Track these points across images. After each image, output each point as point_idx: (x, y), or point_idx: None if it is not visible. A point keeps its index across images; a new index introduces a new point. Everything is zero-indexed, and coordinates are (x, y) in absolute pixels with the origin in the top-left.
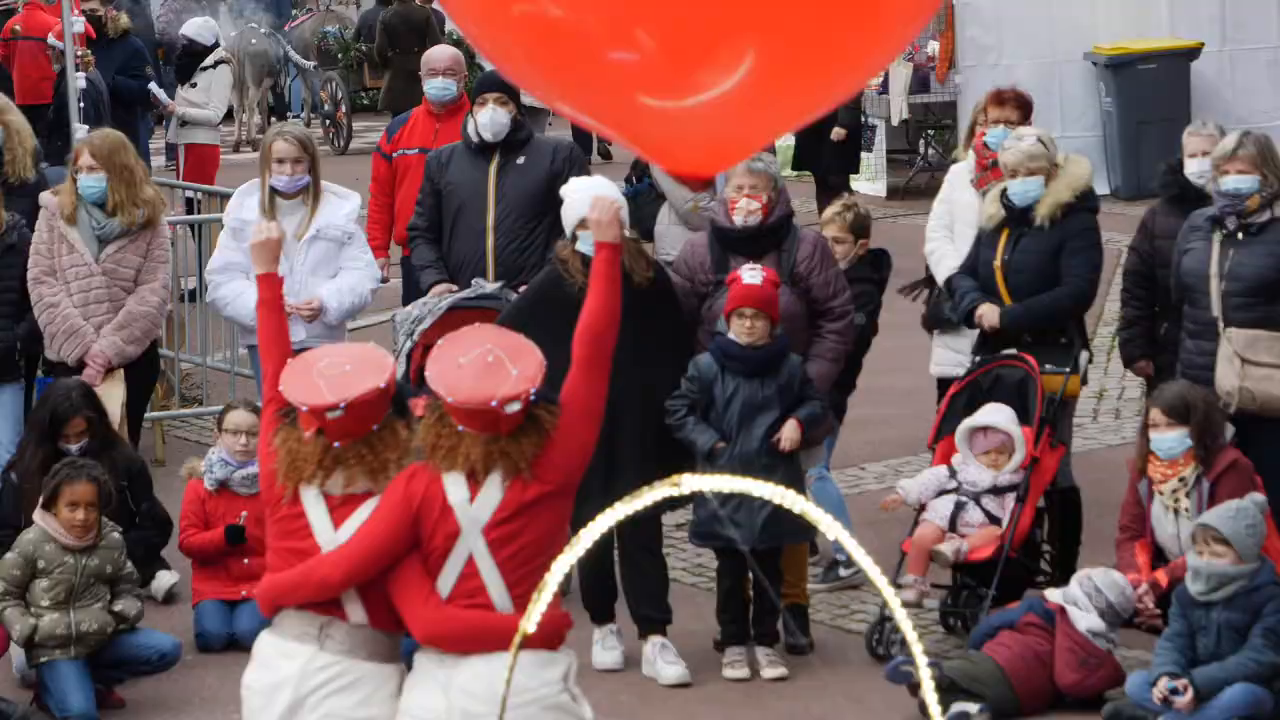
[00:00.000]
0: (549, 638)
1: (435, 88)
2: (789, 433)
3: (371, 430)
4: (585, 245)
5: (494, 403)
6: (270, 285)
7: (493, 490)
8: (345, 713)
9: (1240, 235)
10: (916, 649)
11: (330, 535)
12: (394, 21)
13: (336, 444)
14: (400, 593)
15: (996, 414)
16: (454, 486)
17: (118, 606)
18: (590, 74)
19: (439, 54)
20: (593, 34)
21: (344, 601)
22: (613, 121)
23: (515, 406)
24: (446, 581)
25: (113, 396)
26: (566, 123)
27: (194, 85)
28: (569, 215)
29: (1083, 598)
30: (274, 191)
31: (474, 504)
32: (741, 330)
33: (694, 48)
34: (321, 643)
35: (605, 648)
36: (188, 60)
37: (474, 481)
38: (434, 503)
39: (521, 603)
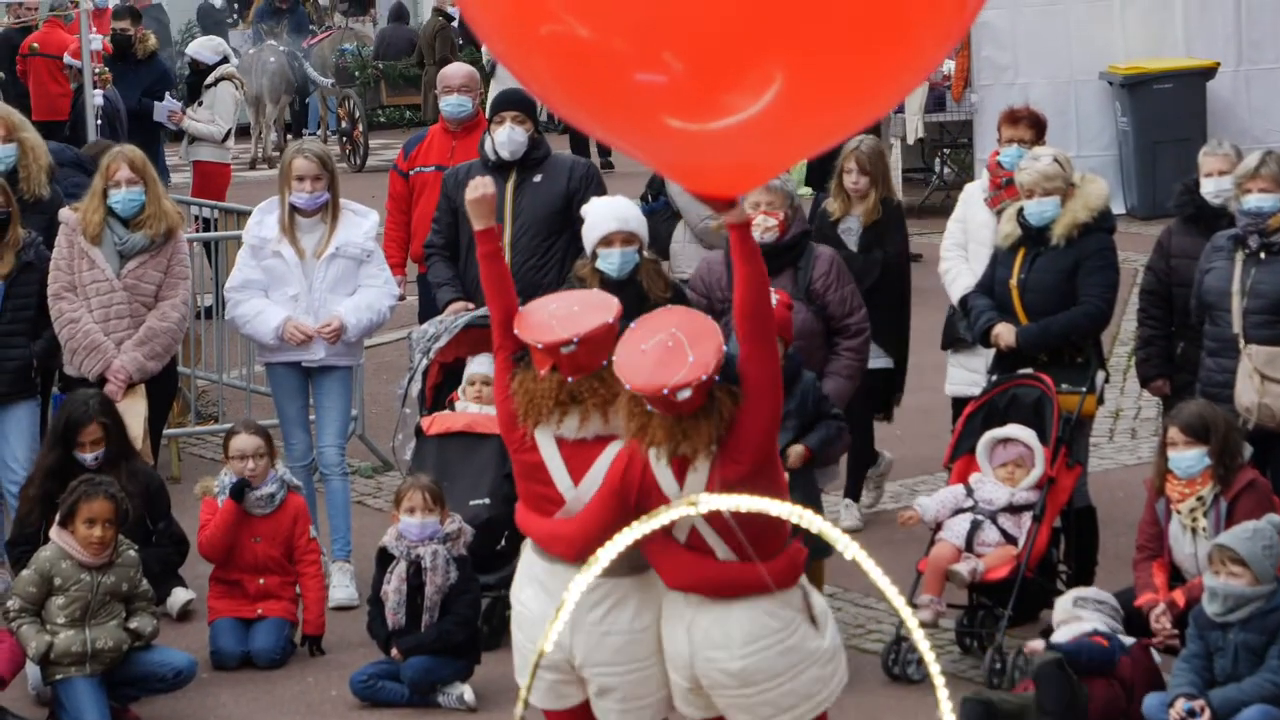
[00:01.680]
0: (785, 577)
1: (450, 105)
2: (793, 459)
3: (602, 365)
4: (604, 264)
5: (665, 391)
6: (489, 238)
7: (698, 477)
8: (624, 626)
9: (1262, 254)
10: (934, 669)
11: (569, 486)
12: (430, 35)
13: (570, 379)
14: (644, 546)
15: (1019, 428)
16: (664, 479)
17: (133, 624)
18: (617, 95)
19: (453, 71)
20: (620, 55)
21: None
22: (638, 142)
23: (686, 394)
24: (679, 537)
25: (135, 412)
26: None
27: (200, 104)
28: (589, 234)
29: (1084, 611)
30: (294, 209)
31: (683, 491)
32: None
33: (722, 71)
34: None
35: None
36: (195, 79)
37: (679, 468)
38: (650, 491)
39: (748, 556)
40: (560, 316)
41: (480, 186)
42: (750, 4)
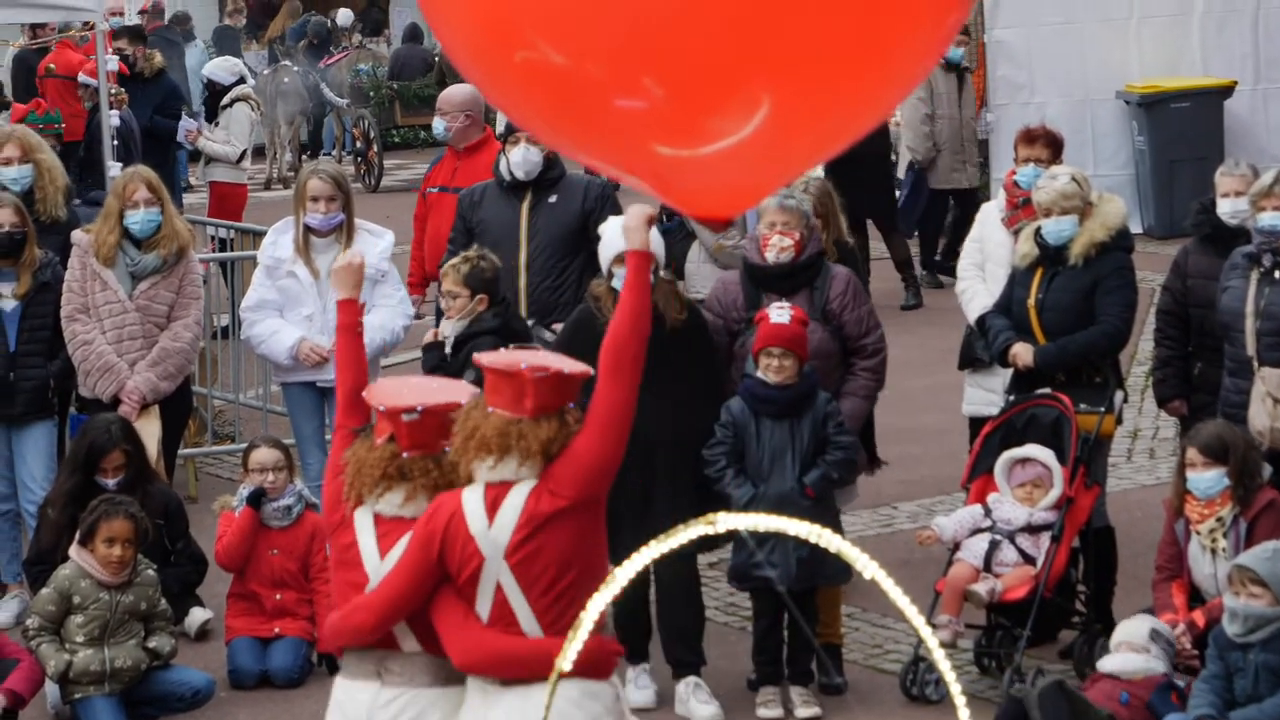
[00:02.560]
0: (593, 667)
1: (436, 126)
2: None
3: (443, 450)
4: (620, 283)
5: (522, 365)
6: (350, 311)
7: (510, 508)
8: None
9: (1276, 273)
10: (955, 689)
11: (376, 564)
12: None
13: (405, 454)
14: (439, 619)
15: (1038, 448)
16: (473, 513)
17: (152, 643)
18: (598, 122)
19: (445, 94)
20: (597, 82)
21: (396, 633)
22: (626, 167)
23: (542, 375)
24: (482, 610)
25: (149, 433)
26: None
27: (216, 124)
28: (605, 252)
29: (1154, 649)
30: (309, 229)
31: (493, 527)
32: (770, 369)
33: (704, 95)
34: (382, 678)
35: (638, 686)
36: (211, 100)
37: (491, 503)
38: (457, 536)
39: (553, 629)
40: (413, 387)
41: (348, 256)
42: (727, 27)
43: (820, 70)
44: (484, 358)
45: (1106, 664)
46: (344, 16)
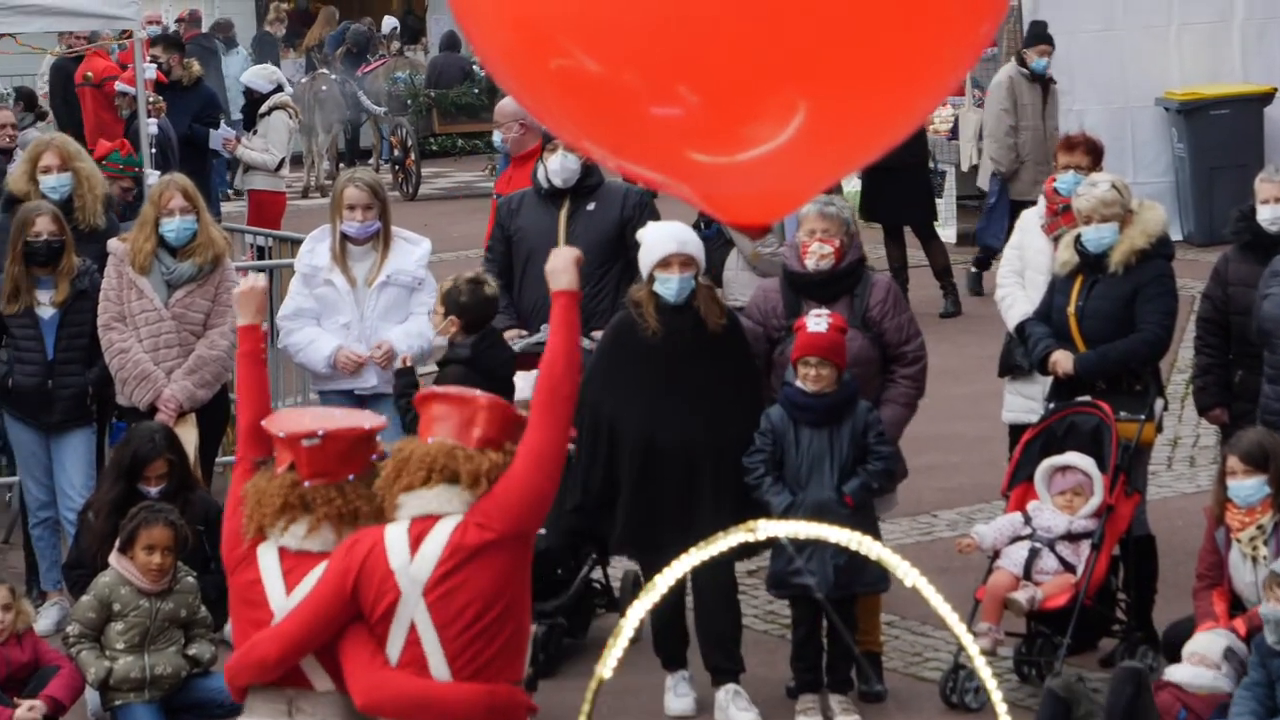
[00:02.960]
0: (498, 712)
1: (495, 136)
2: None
3: (346, 479)
4: (662, 288)
5: (478, 393)
6: (251, 337)
7: (434, 542)
8: None
9: None
10: (996, 696)
11: (282, 600)
12: None
13: (307, 483)
14: (346, 656)
15: (1078, 456)
16: (395, 547)
17: (192, 650)
18: (634, 129)
19: (498, 105)
20: (632, 90)
21: (307, 670)
22: (662, 175)
23: (495, 406)
24: (393, 651)
25: (186, 440)
26: None
27: (255, 132)
28: (646, 257)
29: (1226, 668)
30: (345, 237)
31: (414, 561)
32: (807, 378)
33: (739, 103)
34: (293, 717)
35: (677, 694)
36: (249, 108)
37: (415, 538)
38: (375, 570)
39: (464, 674)
40: (315, 415)
41: (249, 281)
42: (761, 35)
43: (855, 77)
44: (435, 389)
45: (1175, 673)
46: (387, 24)
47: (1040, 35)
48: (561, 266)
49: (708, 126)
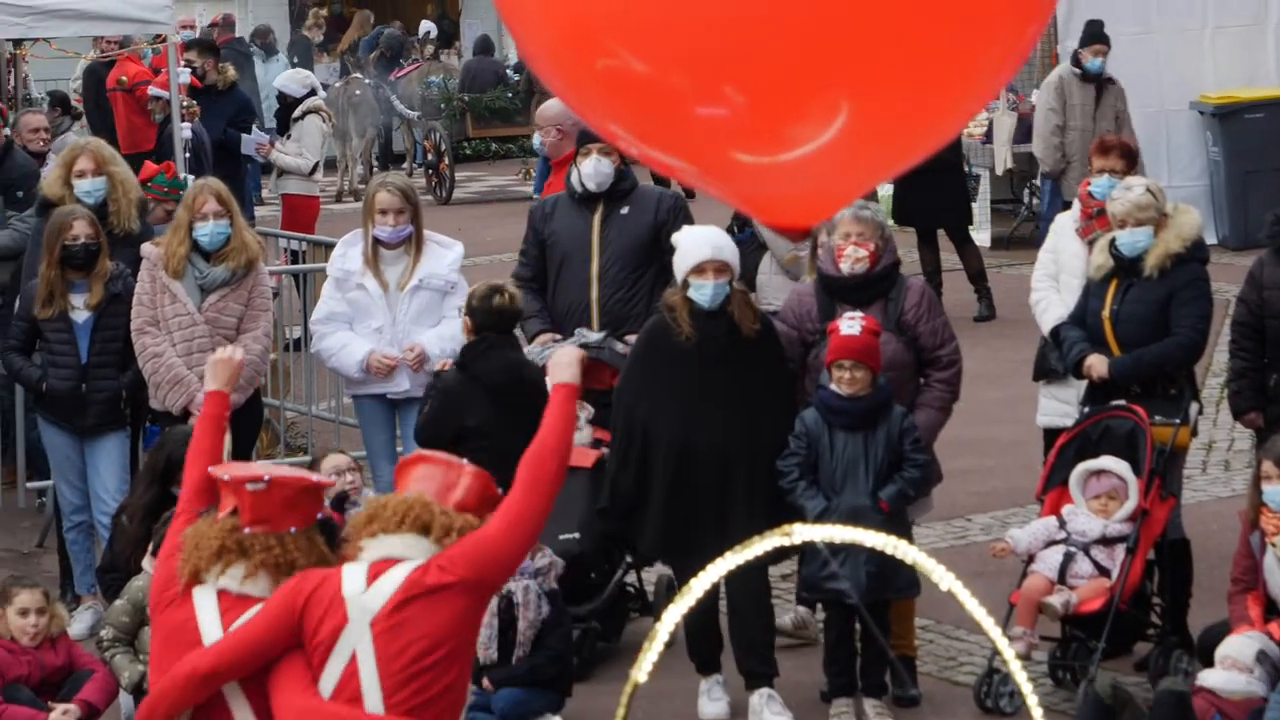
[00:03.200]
0: None
1: (535, 140)
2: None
3: (287, 531)
4: (696, 294)
5: (465, 460)
6: (218, 403)
7: (390, 579)
8: None
9: None
10: (1031, 700)
11: (217, 636)
12: None
13: (247, 529)
14: (277, 683)
15: (1113, 460)
16: (351, 577)
17: None
18: (680, 129)
19: (539, 109)
20: (679, 90)
21: (231, 704)
22: (705, 176)
23: (477, 475)
24: (328, 682)
25: None
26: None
27: (288, 137)
28: (681, 262)
29: (1259, 670)
30: (377, 242)
31: (368, 591)
32: (841, 381)
33: (785, 103)
34: None
35: (711, 698)
36: (283, 112)
37: (373, 574)
38: (325, 594)
39: (398, 710)
40: (264, 467)
41: (229, 351)
42: (808, 36)
43: (900, 79)
44: (425, 452)
45: (1209, 679)
46: (423, 28)
47: (1096, 35)
48: (565, 361)
49: (752, 126)
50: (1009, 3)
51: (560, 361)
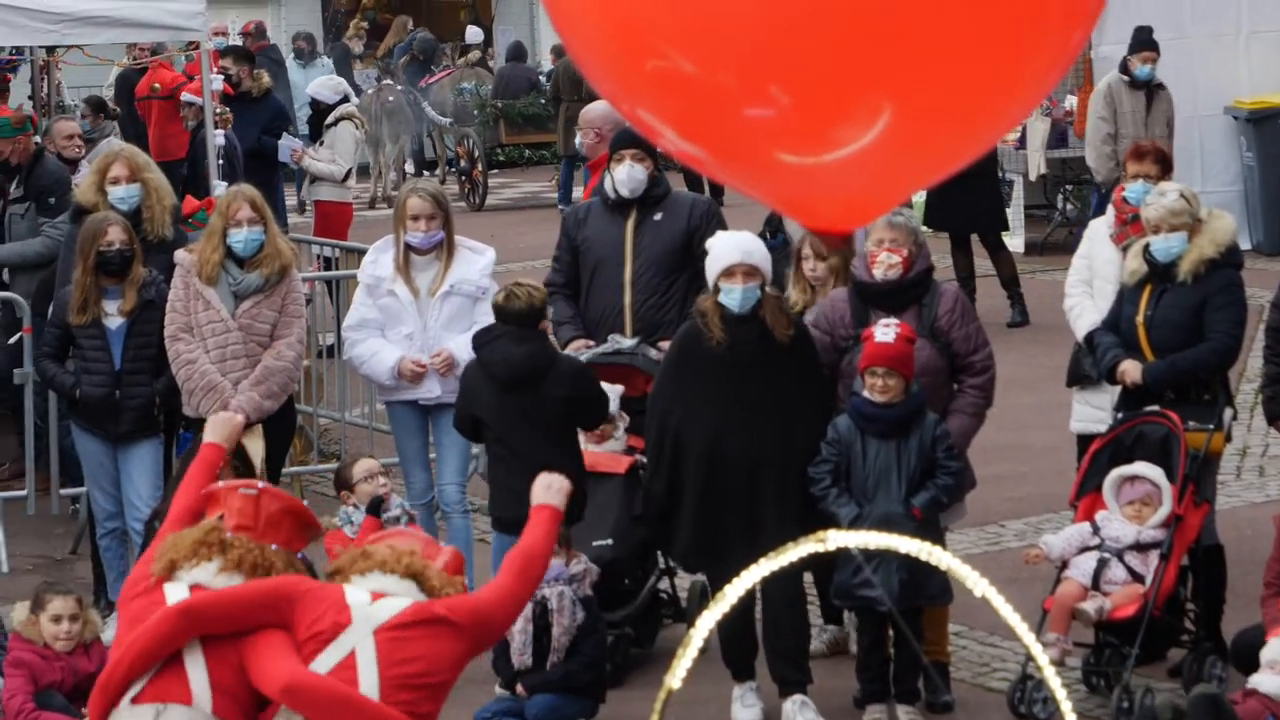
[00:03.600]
0: None
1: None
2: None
3: (269, 546)
4: (726, 298)
5: (443, 545)
6: (214, 453)
7: (396, 601)
8: None
9: None
10: (1065, 706)
11: None
12: (560, 72)
13: (229, 532)
14: (260, 651)
15: (1147, 466)
16: (355, 591)
17: None
18: (726, 130)
19: (582, 111)
20: (726, 90)
21: (190, 671)
22: (749, 177)
23: (445, 559)
24: (318, 669)
25: (253, 451)
26: None
27: (321, 143)
28: (712, 266)
29: None
30: (409, 248)
31: (373, 605)
32: (875, 388)
33: (830, 104)
34: None
35: (745, 705)
36: (315, 119)
37: (375, 596)
38: (327, 596)
39: (390, 704)
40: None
41: (230, 412)
42: (854, 36)
43: (945, 83)
44: (403, 528)
45: (1263, 684)
46: (472, 34)
47: (1145, 41)
48: (556, 487)
49: (797, 126)
50: (1055, 8)
51: (551, 486)
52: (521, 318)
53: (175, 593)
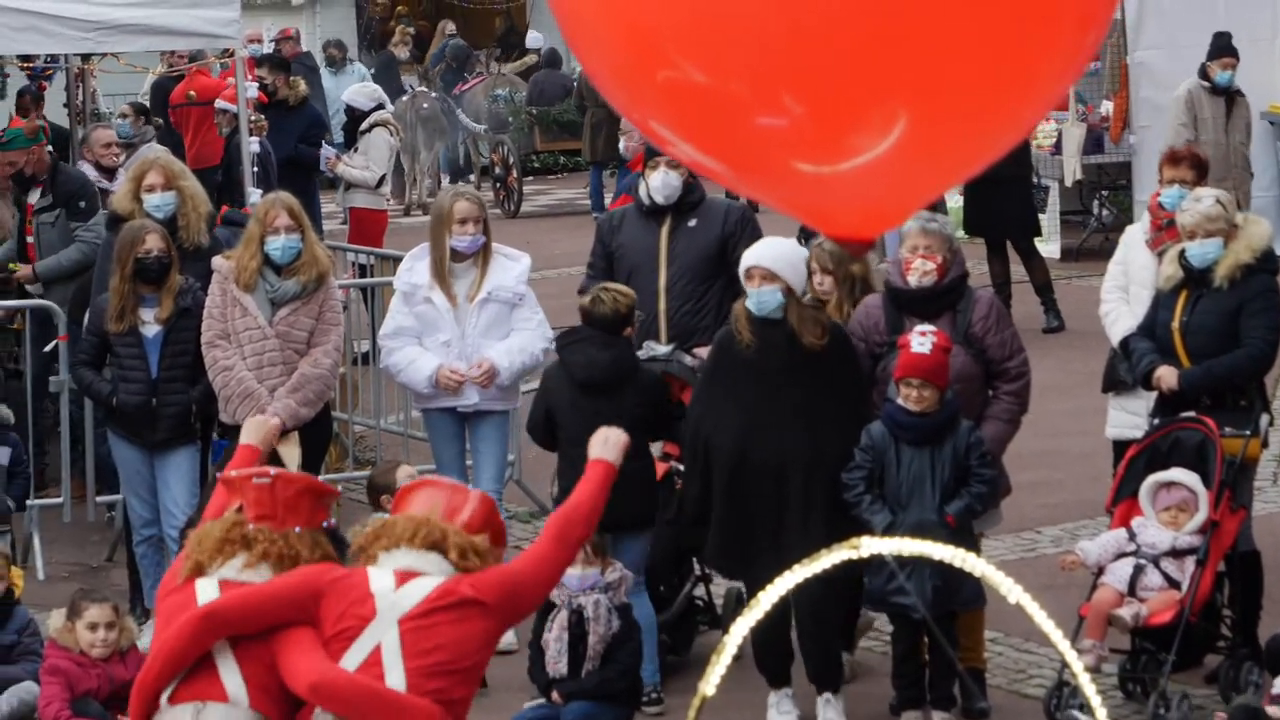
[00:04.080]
0: None
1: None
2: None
3: (291, 530)
4: (749, 301)
5: (470, 488)
6: (247, 454)
7: (421, 584)
8: None
9: None
10: (1100, 713)
11: None
12: (585, 78)
13: (251, 525)
14: (289, 649)
15: (1183, 472)
16: (379, 578)
17: None
18: (740, 140)
19: None
20: (739, 100)
21: (223, 673)
22: (767, 187)
23: (488, 501)
24: (346, 665)
25: (289, 459)
26: None
27: (356, 150)
28: (740, 271)
29: None
30: (454, 252)
31: (398, 592)
32: (910, 398)
33: (844, 112)
34: None
35: (780, 712)
36: (350, 126)
37: (401, 579)
38: (351, 586)
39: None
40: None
41: (265, 417)
42: (867, 45)
43: (959, 89)
44: (428, 478)
45: None
46: (533, 39)
47: (1224, 47)
48: (614, 441)
49: (812, 136)
50: (1068, 12)
51: (609, 440)
52: (607, 323)
53: (205, 589)
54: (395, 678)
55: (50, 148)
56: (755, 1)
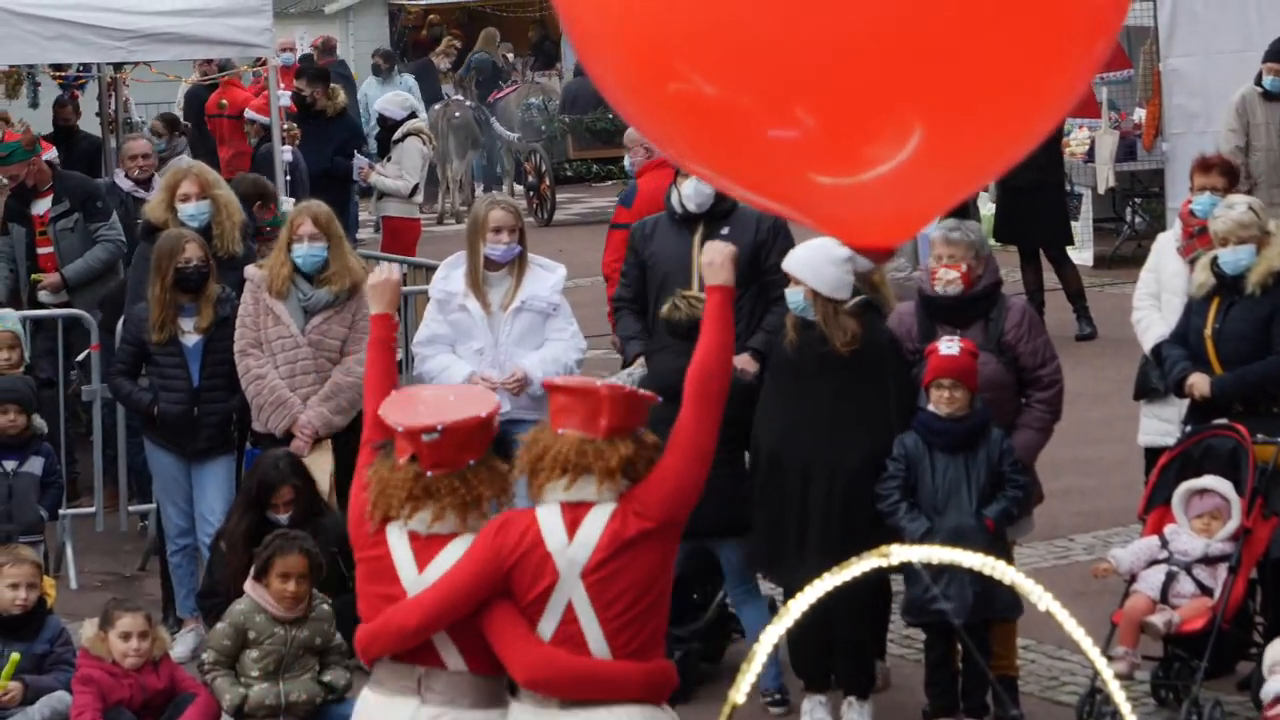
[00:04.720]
0: (656, 689)
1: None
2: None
3: (468, 465)
4: (788, 302)
5: (599, 384)
6: (384, 325)
7: (592, 527)
8: None
9: None
10: None
11: (415, 577)
12: None
13: (429, 474)
14: (498, 634)
15: (1215, 479)
16: (551, 529)
17: (327, 677)
18: (753, 153)
19: (629, 130)
20: (750, 112)
21: (439, 648)
22: (783, 198)
23: (618, 394)
24: (545, 629)
25: (321, 467)
26: None
27: (389, 159)
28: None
29: None
30: (489, 260)
31: (572, 544)
32: (940, 400)
33: (857, 123)
34: (423, 695)
35: (813, 718)
36: (383, 135)
37: (570, 522)
38: (531, 554)
39: (623, 652)
40: (430, 403)
41: (385, 271)
42: (878, 54)
43: (971, 97)
44: (555, 379)
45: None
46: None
47: (1278, 53)
48: (719, 261)
49: (825, 147)
50: (1079, 18)
51: (714, 261)
52: (684, 330)
53: (396, 540)
54: (594, 638)
55: (47, 158)
56: (764, 13)
